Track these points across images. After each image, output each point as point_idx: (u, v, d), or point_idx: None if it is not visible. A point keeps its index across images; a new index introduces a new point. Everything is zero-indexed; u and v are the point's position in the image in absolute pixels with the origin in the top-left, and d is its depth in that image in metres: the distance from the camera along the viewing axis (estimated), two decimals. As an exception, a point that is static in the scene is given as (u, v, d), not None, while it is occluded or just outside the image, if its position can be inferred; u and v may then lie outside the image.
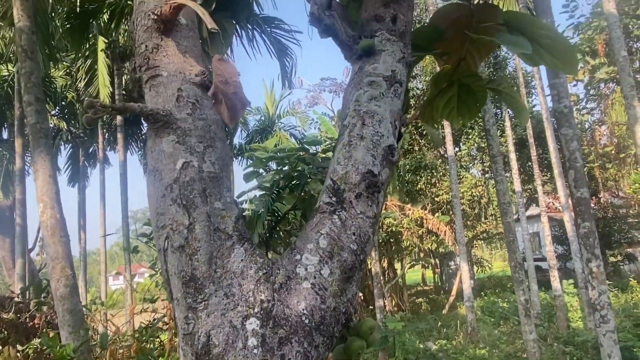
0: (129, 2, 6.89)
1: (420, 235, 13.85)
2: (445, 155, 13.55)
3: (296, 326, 1.13)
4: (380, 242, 13.37)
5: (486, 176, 17.19)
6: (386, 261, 15.58)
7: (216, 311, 1.14)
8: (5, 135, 15.83)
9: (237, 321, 1.12)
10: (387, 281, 14.74)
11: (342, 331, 1.26)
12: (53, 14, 7.58)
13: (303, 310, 1.16)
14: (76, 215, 18.23)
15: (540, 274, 16.06)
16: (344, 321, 1.25)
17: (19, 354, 5.62)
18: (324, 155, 4.36)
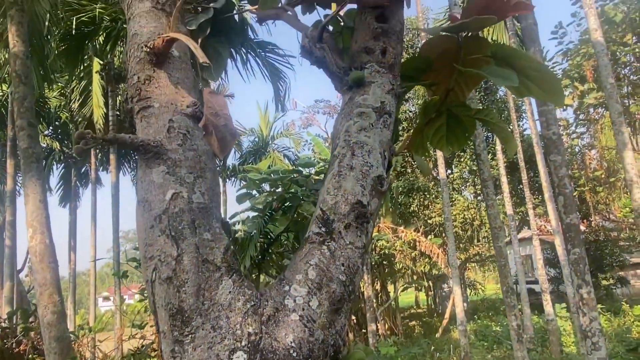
0: (124, 25, 6.96)
1: (413, 258, 13.81)
2: (438, 178, 13.62)
3: (284, 360, 1.13)
4: (373, 264, 13.30)
5: (478, 199, 17.25)
6: (379, 284, 15.49)
7: (203, 344, 1.13)
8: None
9: (224, 355, 1.11)
10: (380, 304, 14.62)
11: (330, 364, 1.25)
12: (49, 35, 7.62)
13: (291, 343, 1.16)
14: (66, 235, 18.05)
15: (533, 297, 16.01)
16: (332, 354, 1.24)
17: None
18: (317, 178, 4.35)
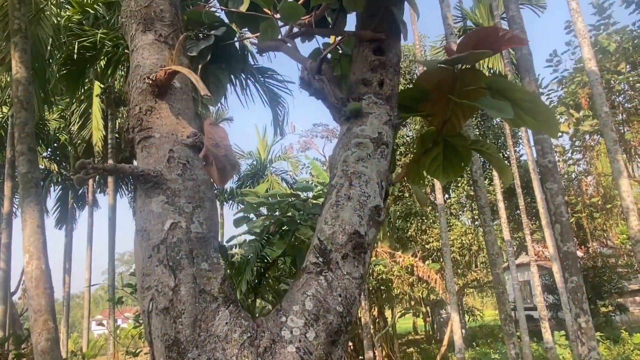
0: (126, 50, 7.06)
1: (411, 283, 13.69)
2: (436, 203, 13.62)
3: (280, 393, 1.12)
4: (370, 289, 13.19)
5: (476, 224, 17.22)
6: (376, 309, 15.31)
7: (199, 377, 1.12)
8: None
9: (220, 388, 1.10)
10: (377, 330, 14.43)
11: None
12: (50, 59, 7.73)
13: (287, 375, 1.15)
14: (62, 257, 17.90)
15: (532, 324, 15.82)
16: (328, 386, 1.23)
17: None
18: (315, 202, 4.35)
